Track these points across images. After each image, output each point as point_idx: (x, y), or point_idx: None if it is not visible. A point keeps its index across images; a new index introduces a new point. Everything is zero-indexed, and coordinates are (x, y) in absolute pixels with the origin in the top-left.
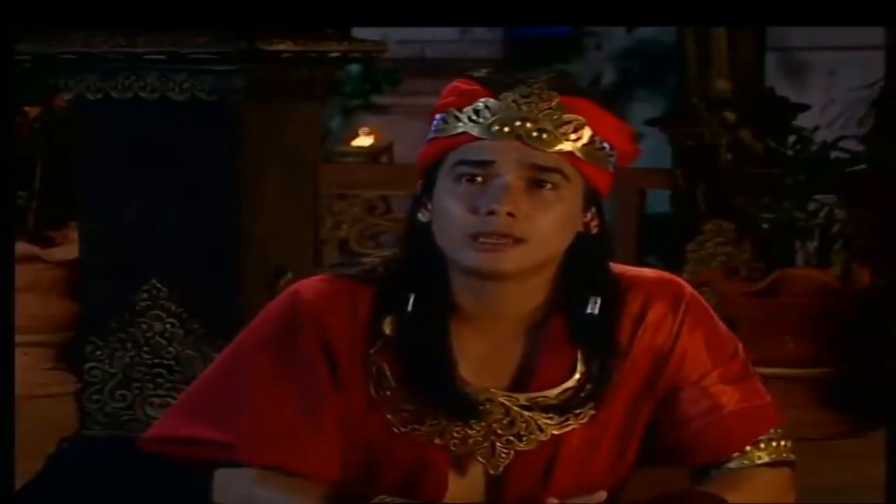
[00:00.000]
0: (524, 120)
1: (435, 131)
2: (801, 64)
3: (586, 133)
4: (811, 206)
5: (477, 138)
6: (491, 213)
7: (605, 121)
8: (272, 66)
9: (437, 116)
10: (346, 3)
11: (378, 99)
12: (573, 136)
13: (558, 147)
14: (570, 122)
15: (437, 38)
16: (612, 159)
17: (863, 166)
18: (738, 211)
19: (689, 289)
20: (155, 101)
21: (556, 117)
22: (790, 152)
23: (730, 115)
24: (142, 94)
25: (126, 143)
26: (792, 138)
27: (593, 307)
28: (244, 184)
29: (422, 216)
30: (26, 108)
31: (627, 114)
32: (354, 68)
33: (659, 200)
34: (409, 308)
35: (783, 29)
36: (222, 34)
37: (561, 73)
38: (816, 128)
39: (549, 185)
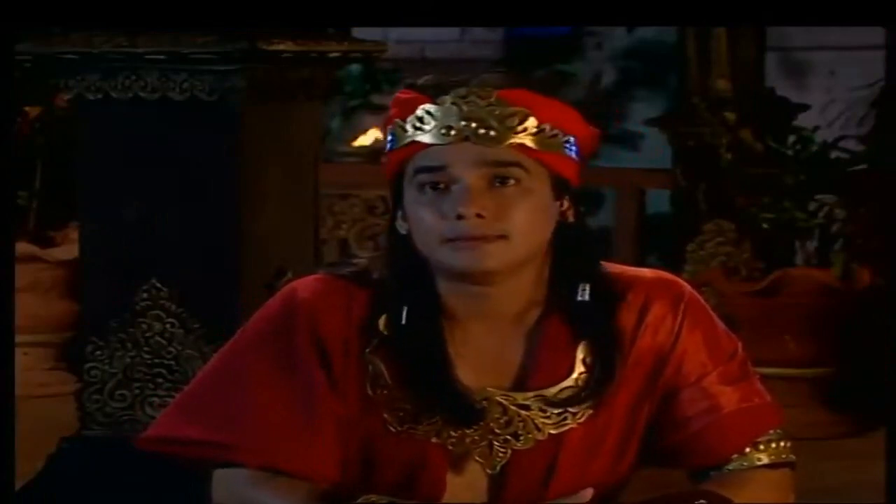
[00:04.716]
0: (468, 120)
1: (389, 144)
2: (801, 64)
3: (531, 122)
4: (811, 206)
5: (427, 145)
6: (460, 217)
7: (550, 107)
8: (273, 66)
9: (388, 129)
10: (346, 3)
11: (378, 99)
12: (520, 128)
13: (509, 141)
14: (513, 114)
15: (437, 38)
16: (570, 145)
17: (863, 166)
18: (738, 211)
19: (688, 288)
20: (155, 101)
21: (497, 112)
22: (790, 152)
23: (730, 115)
24: (142, 94)
25: (126, 143)
26: (792, 138)
27: (583, 294)
28: (244, 184)
29: (400, 228)
30: (26, 108)
31: (627, 114)
32: (355, 68)
33: (659, 200)
34: (404, 320)
35: (783, 29)
36: (223, 34)
37: (496, 69)
38: (816, 128)
39: (511, 181)
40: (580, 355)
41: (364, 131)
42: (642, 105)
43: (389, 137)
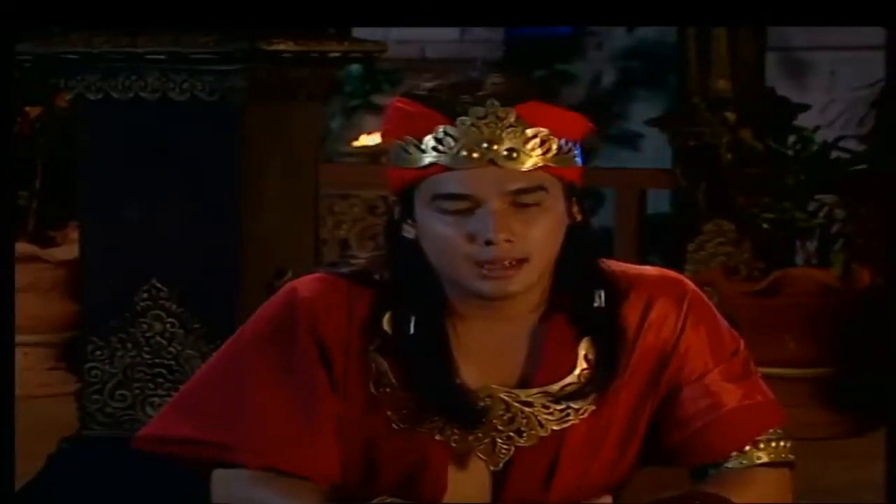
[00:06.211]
0: (490, 143)
1: (397, 160)
2: (801, 64)
3: (554, 144)
4: (811, 206)
5: (447, 168)
6: (489, 242)
7: (562, 118)
8: (273, 66)
9: (398, 145)
10: (346, 3)
11: (378, 99)
12: (542, 150)
13: (531, 163)
14: (534, 136)
15: (437, 38)
16: (579, 152)
17: (863, 166)
18: (739, 211)
19: (691, 286)
20: (156, 101)
21: (519, 134)
22: (790, 152)
23: (730, 115)
24: (142, 94)
25: (126, 143)
26: (792, 138)
27: (599, 300)
28: (245, 184)
29: (407, 233)
30: (27, 108)
31: (627, 114)
32: (355, 68)
33: (659, 200)
34: (411, 325)
35: (783, 29)
36: (223, 34)
37: (503, 77)
38: (816, 128)
39: (533, 204)
40: (582, 351)
41: (366, 131)
42: (642, 105)
43: (396, 152)
